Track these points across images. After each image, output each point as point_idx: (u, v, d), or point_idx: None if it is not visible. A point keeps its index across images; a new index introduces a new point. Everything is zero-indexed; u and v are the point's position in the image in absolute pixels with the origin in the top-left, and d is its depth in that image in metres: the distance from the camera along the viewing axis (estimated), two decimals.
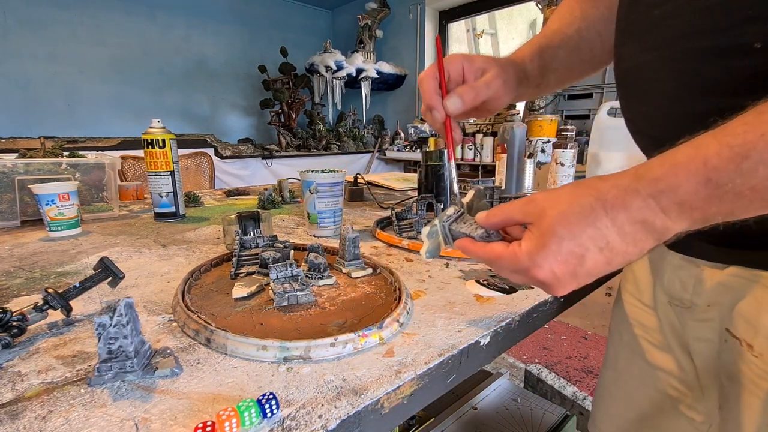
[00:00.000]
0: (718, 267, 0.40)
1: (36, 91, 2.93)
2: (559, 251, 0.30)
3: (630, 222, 0.29)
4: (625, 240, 0.29)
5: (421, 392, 0.36)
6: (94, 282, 0.47)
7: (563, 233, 0.30)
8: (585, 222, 0.30)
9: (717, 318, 0.41)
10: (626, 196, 0.29)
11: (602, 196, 0.30)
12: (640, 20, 0.40)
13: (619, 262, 0.30)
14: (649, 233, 0.29)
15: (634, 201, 0.29)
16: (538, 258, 0.31)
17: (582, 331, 2.10)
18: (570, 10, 0.56)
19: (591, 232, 0.30)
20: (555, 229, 0.30)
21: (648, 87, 0.40)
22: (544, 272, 0.31)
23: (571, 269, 0.31)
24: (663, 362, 0.50)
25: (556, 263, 0.31)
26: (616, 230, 0.29)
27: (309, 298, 0.49)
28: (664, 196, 0.28)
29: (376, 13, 3.77)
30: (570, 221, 0.30)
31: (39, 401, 0.31)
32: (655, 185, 0.28)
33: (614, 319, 0.60)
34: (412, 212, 0.83)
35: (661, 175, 0.28)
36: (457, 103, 0.45)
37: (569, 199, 0.31)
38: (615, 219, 0.29)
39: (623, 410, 0.56)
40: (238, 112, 4.04)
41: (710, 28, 0.33)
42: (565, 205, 0.31)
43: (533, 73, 0.53)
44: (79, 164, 0.98)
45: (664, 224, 0.28)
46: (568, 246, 0.30)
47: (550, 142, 1.58)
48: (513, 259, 0.33)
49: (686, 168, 0.27)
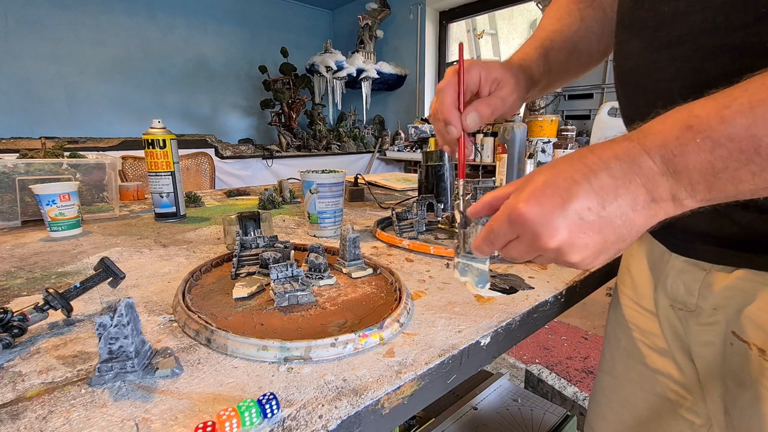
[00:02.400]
0: (725, 270, 0.40)
1: (37, 91, 2.93)
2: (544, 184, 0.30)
3: (616, 157, 0.29)
4: (614, 177, 0.29)
5: (422, 392, 0.36)
6: (95, 282, 0.47)
7: (547, 171, 0.31)
8: (571, 160, 0.31)
9: (722, 321, 0.40)
10: (613, 142, 0.30)
11: (591, 147, 0.31)
12: (647, 17, 0.39)
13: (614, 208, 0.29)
14: (636, 175, 0.29)
15: (620, 143, 0.30)
16: (523, 194, 0.31)
17: (582, 331, 2.10)
18: (568, 10, 0.55)
19: (579, 166, 0.30)
20: (538, 171, 0.32)
21: (654, 86, 0.39)
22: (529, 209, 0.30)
23: (557, 202, 0.30)
24: (662, 366, 0.50)
25: (544, 198, 0.30)
26: (603, 166, 0.29)
27: (309, 299, 0.49)
28: (648, 138, 0.29)
29: (377, 14, 3.77)
30: (556, 163, 0.31)
31: (40, 401, 0.31)
32: (641, 132, 0.29)
33: (611, 323, 0.59)
34: (412, 212, 0.83)
35: (647, 126, 0.30)
36: (475, 119, 0.45)
37: (561, 159, 0.32)
38: (602, 156, 0.30)
39: (620, 414, 0.56)
40: (239, 113, 4.05)
41: (724, 25, 0.32)
42: (556, 163, 0.32)
43: (539, 76, 0.53)
44: (79, 164, 0.98)
45: (650, 168, 0.28)
46: (554, 180, 0.30)
47: (550, 142, 1.58)
48: (502, 216, 0.32)
49: (673, 117, 0.28)
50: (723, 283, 0.40)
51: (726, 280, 0.40)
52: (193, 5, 3.56)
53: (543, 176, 0.31)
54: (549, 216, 0.30)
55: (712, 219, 0.38)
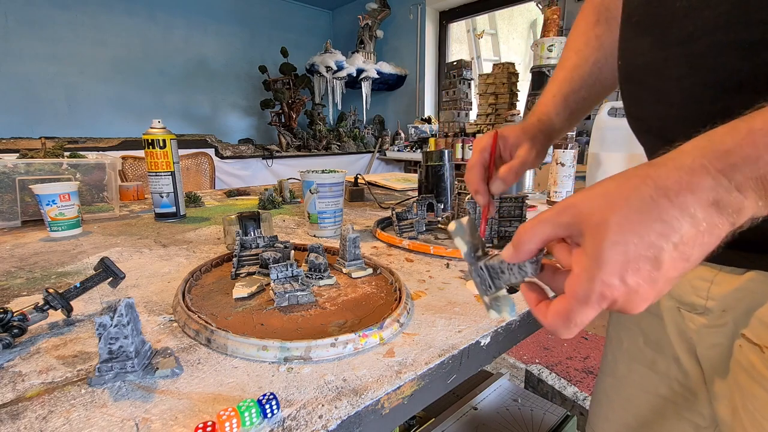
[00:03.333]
0: (735, 272, 0.39)
1: (37, 91, 2.94)
2: (627, 260, 0.25)
3: (702, 206, 0.24)
4: (699, 228, 0.24)
5: (422, 392, 0.36)
6: (95, 282, 0.47)
7: (624, 238, 0.25)
8: (649, 218, 0.24)
9: (731, 323, 0.40)
10: (692, 178, 0.24)
11: (661, 183, 0.25)
12: (656, 14, 0.38)
13: (697, 256, 0.25)
14: (723, 216, 0.24)
15: (702, 180, 0.24)
16: (604, 275, 0.25)
17: (582, 331, 2.10)
18: (586, 40, 0.56)
19: (659, 227, 0.24)
20: (611, 236, 0.25)
21: (663, 84, 0.38)
22: (618, 290, 0.25)
23: (647, 276, 0.25)
24: (666, 368, 0.49)
25: (630, 275, 0.25)
26: (688, 219, 0.24)
27: (309, 299, 0.49)
28: (739, 170, 0.24)
29: (377, 14, 3.77)
30: (630, 221, 0.25)
31: (40, 401, 0.31)
32: (727, 159, 0.24)
33: (612, 324, 0.59)
34: (412, 212, 0.83)
35: (733, 146, 0.24)
36: (501, 186, 0.49)
37: (619, 195, 0.26)
38: (684, 207, 0.24)
39: (623, 416, 0.56)
40: (239, 113, 4.05)
41: (741, 21, 0.31)
42: (618, 204, 0.25)
43: (562, 124, 0.55)
44: (79, 164, 0.98)
45: (740, 204, 0.24)
46: (636, 250, 0.25)
47: None
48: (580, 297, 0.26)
49: (766, 136, 0.23)
50: (733, 284, 0.39)
51: (736, 281, 0.39)
52: (193, 5, 3.56)
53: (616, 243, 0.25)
54: (639, 293, 0.25)
55: None
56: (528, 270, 0.30)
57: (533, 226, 0.29)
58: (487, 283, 0.33)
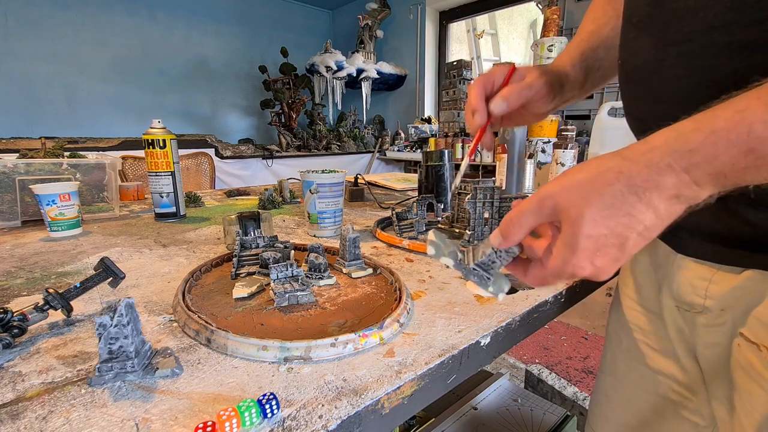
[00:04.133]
0: (734, 271, 0.39)
1: (37, 91, 2.93)
2: (597, 248, 0.29)
3: (664, 200, 0.28)
4: (660, 216, 0.28)
5: (422, 392, 0.36)
6: (95, 282, 0.47)
7: (597, 231, 0.29)
8: (618, 213, 0.29)
9: (730, 322, 0.40)
10: (658, 176, 0.28)
11: (632, 181, 0.28)
12: (654, 14, 0.39)
13: (655, 234, 0.30)
14: (682, 203, 0.28)
15: (667, 179, 0.27)
16: (577, 260, 0.30)
17: (582, 331, 2.10)
18: (603, 10, 0.56)
19: (626, 221, 0.29)
20: (585, 230, 0.29)
21: (661, 84, 0.39)
22: (587, 271, 0.31)
23: (612, 258, 0.30)
24: (665, 367, 0.50)
25: (598, 259, 0.30)
26: (651, 211, 0.28)
27: (309, 299, 0.49)
28: (699, 168, 0.27)
29: (377, 14, 3.77)
30: (603, 215, 0.29)
31: (39, 401, 0.31)
32: (690, 158, 0.27)
33: (612, 324, 0.59)
34: (412, 212, 0.83)
35: (697, 145, 0.26)
36: (501, 105, 0.46)
37: (593, 189, 0.29)
38: (649, 202, 0.28)
39: (622, 415, 0.56)
40: (239, 113, 4.05)
41: (736, 22, 0.32)
42: (593, 198, 0.29)
43: (577, 77, 0.53)
44: (79, 164, 0.98)
45: (697, 194, 0.28)
46: (605, 240, 0.29)
47: (550, 142, 1.58)
48: (555, 272, 0.32)
49: (727, 137, 0.25)
50: (731, 283, 0.39)
51: (735, 280, 0.39)
52: (193, 5, 3.56)
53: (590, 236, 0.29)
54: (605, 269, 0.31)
55: (723, 219, 0.38)
56: (515, 251, 0.35)
57: (519, 217, 0.33)
58: (484, 277, 0.37)
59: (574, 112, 2.67)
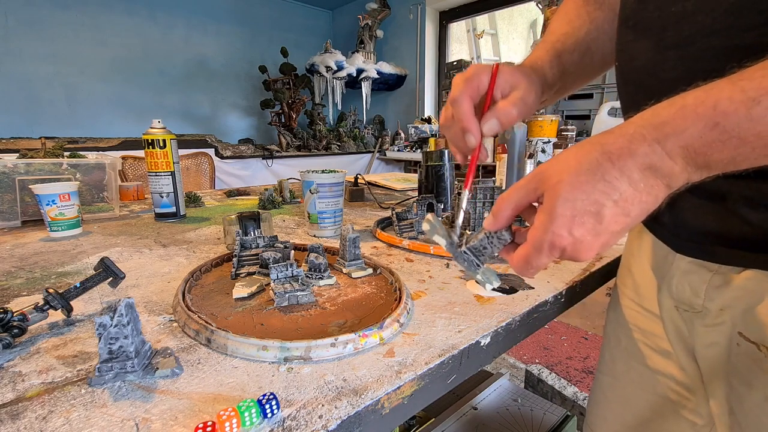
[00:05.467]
0: (733, 271, 0.39)
1: (37, 91, 2.93)
2: (573, 213, 0.30)
3: (638, 169, 0.29)
4: (637, 188, 0.29)
5: (422, 392, 0.36)
6: (95, 282, 0.47)
7: (573, 195, 0.30)
8: (594, 178, 0.29)
9: (729, 322, 0.40)
10: (631, 144, 0.29)
11: (607, 148, 0.30)
12: (652, 17, 0.39)
13: (637, 212, 0.30)
14: (658, 178, 0.29)
15: (639, 147, 0.29)
16: (555, 227, 0.31)
17: (582, 331, 2.10)
18: (577, 13, 0.55)
19: (602, 186, 0.29)
20: (563, 194, 0.30)
21: (659, 87, 0.39)
22: (564, 239, 0.31)
23: (590, 228, 0.30)
24: (664, 367, 0.50)
25: (576, 228, 0.30)
26: (626, 179, 0.29)
27: (309, 299, 0.49)
28: (669, 139, 0.28)
29: (377, 14, 3.77)
30: (579, 180, 0.30)
31: (39, 401, 0.31)
32: (661, 129, 0.28)
33: (610, 323, 0.59)
34: (412, 212, 0.83)
35: (668, 118, 0.28)
36: (495, 126, 0.42)
37: (574, 159, 0.30)
38: (623, 168, 0.29)
39: (621, 415, 0.56)
40: (239, 113, 4.05)
41: (735, 26, 0.32)
42: (572, 166, 0.30)
43: (553, 79, 0.51)
44: (79, 164, 0.98)
45: (671, 169, 0.28)
46: (582, 205, 0.30)
47: (550, 142, 1.58)
48: (536, 245, 0.32)
49: (695, 111, 0.27)
50: (731, 283, 0.39)
51: (734, 280, 0.39)
52: (193, 5, 3.56)
53: (566, 199, 0.30)
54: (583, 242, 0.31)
55: (722, 219, 0.38)
56: (506, 237, 0.36)
57: (508, 194, 0.34)
58: (474, 263, 0.38)
59: (574, 112, 2.67)
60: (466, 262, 0.38)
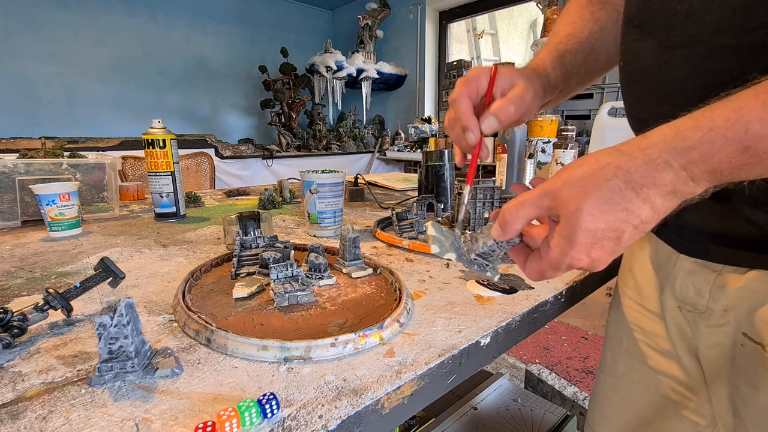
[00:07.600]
0: (737, 271, 0.39)
1: (36, 91, 2.93)
2: (594, 241, 0.30)
3: (661, 196, 0.28)
4: (657, 211, 0.29)
5: (422, 392, 0.36)
6: (95, 282, 0.47)
7: (594, 225, 0.30)
8: (617, 207, 0.29)
9: (733, 323, 0.40)
10: (656, 173, 0.28)
11: (630, 176, 0.29)
12: (658, 17, 0.39)
13: (650, 228, 0.30)
14: (677, 199, 0.29)
15: (665, 175, 0.28)
16: (574, 252, 0.31)
17: (582, 331, 2.10)
18: (580, 14, 0.55)
19: (623, 216, 0.29)
20: (583, 224, 0.30)
21: (665, 86, 0.39)
22: (584, 262, 0.31)
23: (609, 250, 0.31)
24: (666, 367, 0.49)
25: (594, 251, 0.31)
26: (648, 206, 0.29)
27: (309, 299, 0.49)
28: (696, 165, 0.27)
29: (377, 14, 3.77)
30: (601, 210, 0.29)
31: (39, 401, 0.31)
32: (688, 155, 0.27)
33: (612, 324, 0.59)
34: (412, 212, 0.83)
35: (695, 142, 0.27)
36: (493, 124, 0.43)
37: (593, 184, 0.29)
38: (647, 198, 0.29)
39: (622, 415, 0.56)
40: (239, 113, 4.05)
41: (743, 24, 0.32)
42: (590, 193, 0.29)
43: (557, 80, 0.51)
44: (79, 164, 0.98)
45: (693, 190, 0.28)
46: (602, 234, 0.30)
47: (550, 142, 1.58)
48: (553, 265, 0.33)
49: (724, 135, 0.26)
50: (735, 284, 0.39)
51: (738, 281, 0.39)
52: (193, 5, 3.56)
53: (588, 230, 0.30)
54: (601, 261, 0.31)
55: (727, 220, 0.38)
56: (515, 240, 0.36)
57: (517, 208, 0.33)
58: (484, 264, 0.39)
59: (574, 112, 2.67)
60: (477, 267, 0.39)
